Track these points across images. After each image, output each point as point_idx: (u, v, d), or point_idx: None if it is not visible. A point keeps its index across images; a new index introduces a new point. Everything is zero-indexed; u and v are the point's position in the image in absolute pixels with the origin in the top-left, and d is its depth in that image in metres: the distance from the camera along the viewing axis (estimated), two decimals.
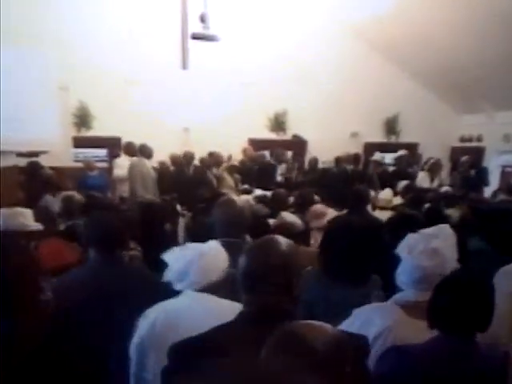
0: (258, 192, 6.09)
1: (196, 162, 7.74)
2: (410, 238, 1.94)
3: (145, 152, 7.16)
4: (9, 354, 1.28)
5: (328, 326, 1.17)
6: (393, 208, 5.23)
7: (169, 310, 1.99)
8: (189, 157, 7.66)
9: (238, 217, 2.64)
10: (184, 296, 2.04)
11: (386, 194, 5.77)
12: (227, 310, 1.65)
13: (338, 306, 2.14)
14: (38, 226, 3.41)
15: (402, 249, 1.92)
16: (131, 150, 7.43)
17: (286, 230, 3.38)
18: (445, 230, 1.99)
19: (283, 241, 1.56)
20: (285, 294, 1.47)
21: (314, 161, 8.86)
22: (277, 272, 1.47)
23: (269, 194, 5.58)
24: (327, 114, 9.59)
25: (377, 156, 9.25)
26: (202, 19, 7.15)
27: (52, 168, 6.86)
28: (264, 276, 1.47)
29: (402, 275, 1.92)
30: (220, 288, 1.94)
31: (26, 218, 3.36)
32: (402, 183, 6.93)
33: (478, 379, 1.63)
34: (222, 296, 1.93)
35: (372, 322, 1.87)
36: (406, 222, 3.16)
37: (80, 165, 8.59)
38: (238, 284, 1.53)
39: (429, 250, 1.85)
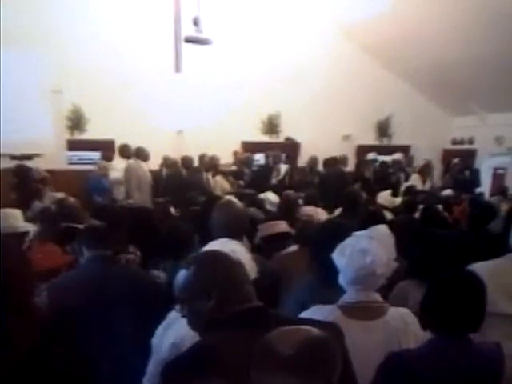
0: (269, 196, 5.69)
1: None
2: (345, 240, 1.95)
3: (141, 155, 7.21)
4: (4, 356, 1.28)
5: (304, 329, 1.14)
6: (394, 208, 5.28)
7: None
8: (188, 159, 7.68)
9: (238, 219, 2.63)
10: None
11: (385, 195, 5.77)
12: None
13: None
14: (27, 227, 3.39)
15: (335, 251, 1.93)
16: (126, 152, 7.44)
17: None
18: (380, 230, 2.00)
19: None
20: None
21: (314, 161, 8.64)
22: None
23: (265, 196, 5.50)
24: (320, 116, 9.61)
25: (370, 156, 9.24)
26: (195, 23, 7.17)
27: (46, 171, 6.85)
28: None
29: (340, 277, 1.93)
30: None
31: (15, 219, 3.34)
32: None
33: (476, 375, 1.66)
34: None
35: None
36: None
37: (74, 167, 8.63)
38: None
39: (359, 250, 1.86)
